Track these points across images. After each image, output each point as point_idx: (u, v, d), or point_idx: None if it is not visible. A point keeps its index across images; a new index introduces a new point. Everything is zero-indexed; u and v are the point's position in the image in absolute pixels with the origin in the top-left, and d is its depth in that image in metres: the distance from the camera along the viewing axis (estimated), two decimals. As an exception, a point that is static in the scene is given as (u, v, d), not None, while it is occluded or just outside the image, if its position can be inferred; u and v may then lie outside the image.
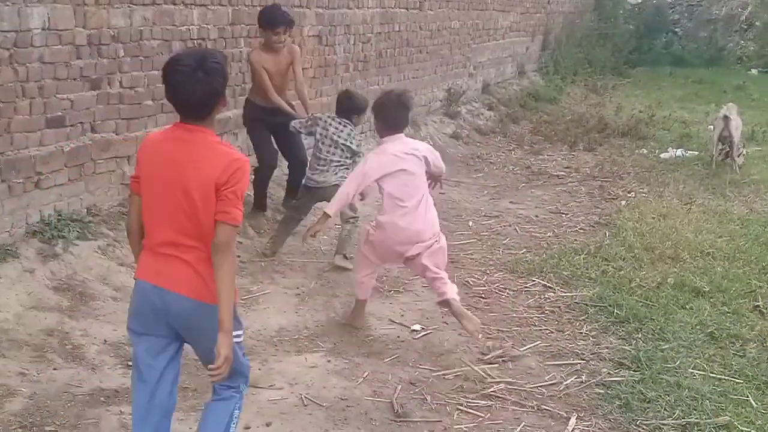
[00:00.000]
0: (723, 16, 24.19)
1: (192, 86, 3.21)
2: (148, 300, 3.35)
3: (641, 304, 6.39)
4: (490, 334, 5.88)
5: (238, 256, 6.89)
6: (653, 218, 8.62)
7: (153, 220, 3.34)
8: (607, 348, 5.71)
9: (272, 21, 7.13)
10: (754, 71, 22.00)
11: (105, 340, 5.23)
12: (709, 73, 21.23)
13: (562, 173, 11.24)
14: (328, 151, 6.79)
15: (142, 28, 6.71)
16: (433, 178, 5.77)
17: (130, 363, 4.92)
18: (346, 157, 6.82)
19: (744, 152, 11.59)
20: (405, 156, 5.41)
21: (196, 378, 4.90)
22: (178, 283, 3.30)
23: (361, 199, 5.96)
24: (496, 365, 5.40)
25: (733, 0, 24.49)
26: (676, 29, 24.20)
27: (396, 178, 5.37)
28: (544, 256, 7.50)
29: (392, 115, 5.53)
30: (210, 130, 3.34)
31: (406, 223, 5.40)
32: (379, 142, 5.65)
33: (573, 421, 4.73)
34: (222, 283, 3.21)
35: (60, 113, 6.02)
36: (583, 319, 6.18)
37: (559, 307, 6.41)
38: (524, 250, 7.77)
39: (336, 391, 4.90)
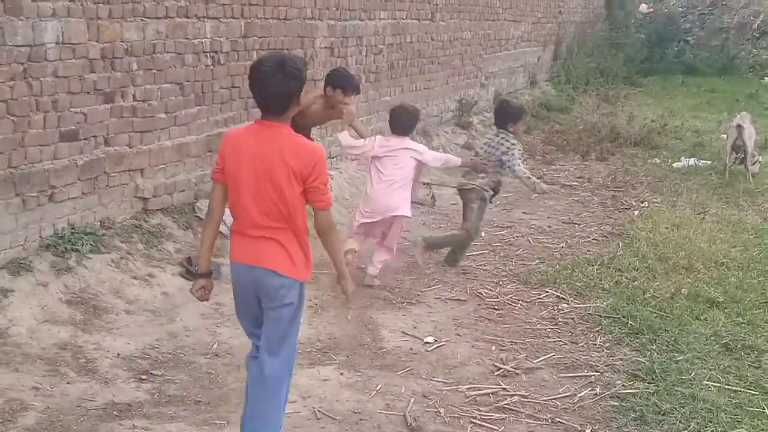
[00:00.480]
0: (735, 24, 24.08)
1: (271, 85, 3.72)
2: (242, 278, 3.89)
3: (655, 315, 6.36)
4: (503, 346, 5.87)
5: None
6: (666, 228, 8.58)
7: (242, 208, 3.82)
8: (621, 360, 5.68)
9: (346, 84, 7.19)
10: (766, 79, 21.91)
11: (118, 354, 5.24)
12: (721, 81, 21.16)
13: (575, 183, 11.21)
14: (483, 157, 7.53)
15: (155, 42, 6.74)
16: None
17: (143, 376, 4.98)
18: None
19: (759, 160, 11.54)
20: (398, 151, 6.88)
21: (209, 391, 4.91)
22: (269, 260, 3.81)
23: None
24: (510, 377, 5.38)
25: (745, 8, 24.40)
26: (688, 38, 24.08)
27: (383, 161, 6.85)
28: (558, 266, 7.47)
29: (396, 124, 7.02)
30: (285, 125, 3.82)
31: (377, 194, 6.82)
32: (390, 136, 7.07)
33: (588, 433, 4.71)
34: (333, 252, 3.99)
35: (73, 127, 6.05)
36: (597, 331, 6.16)
37: (573, 318, 6.39)
38: (537, 260, 7.75)
39: (349, 404, 4.89)
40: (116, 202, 6.56)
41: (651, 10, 24.95)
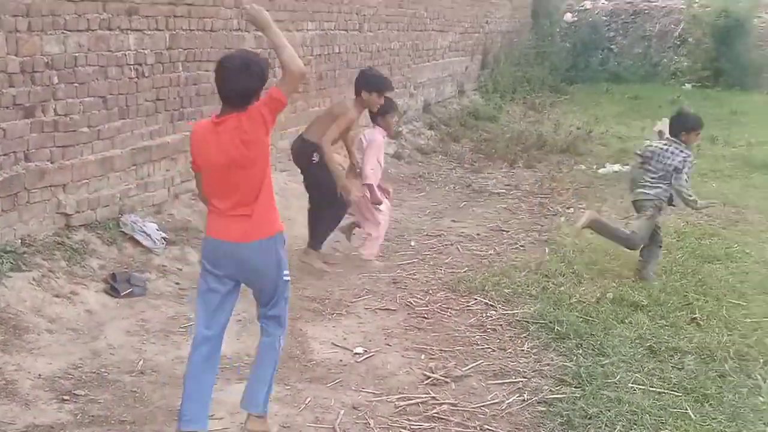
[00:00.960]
0: (657, 32, 24.70)
1: (233, 83, 4.09)
2: (217, 251, 4.26)
3: (581, 319, 6.45)
4: (432, 354, 5.89)
5: (177, 283, 6.83)
6: (592, 234, 8.70)
7: (214, 193, 4.25)
8: (549, 365, 5.75)
9: (384, 86, 7.56)
10: (687, 86, 22.52)
11: (39, 375, 5.11)
12: (644, 88, 21.64)
13: (503, 191, 11.35)
14: (651, 168, 7.46)
15: (76, 55, 6.61)
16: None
17: (66, 397, 4.87)
18: (661, 176, 7.40)
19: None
20: (366, 133, 7.91)
21: (134, 410, 4.83)
22: (241, 235, 4.20)
23: None
24: (439, 386, 5.41)
25: (666, 17, 25.04)
26: (612, 46, 24.62)
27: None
28: (486, 274, 7.53)
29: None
30: (244, 114, 4.11)
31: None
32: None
33: (516, 440, 4.75)
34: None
35: (-9, 142, 5.91)
36: (525, 337, 6.23)
37: (501, 325, 6.45)
38: (466, 268, 7.81)
39: (278, 418, 4.85)
40: (37, 218, 6.41)
41: (576, 19, 25.41)
